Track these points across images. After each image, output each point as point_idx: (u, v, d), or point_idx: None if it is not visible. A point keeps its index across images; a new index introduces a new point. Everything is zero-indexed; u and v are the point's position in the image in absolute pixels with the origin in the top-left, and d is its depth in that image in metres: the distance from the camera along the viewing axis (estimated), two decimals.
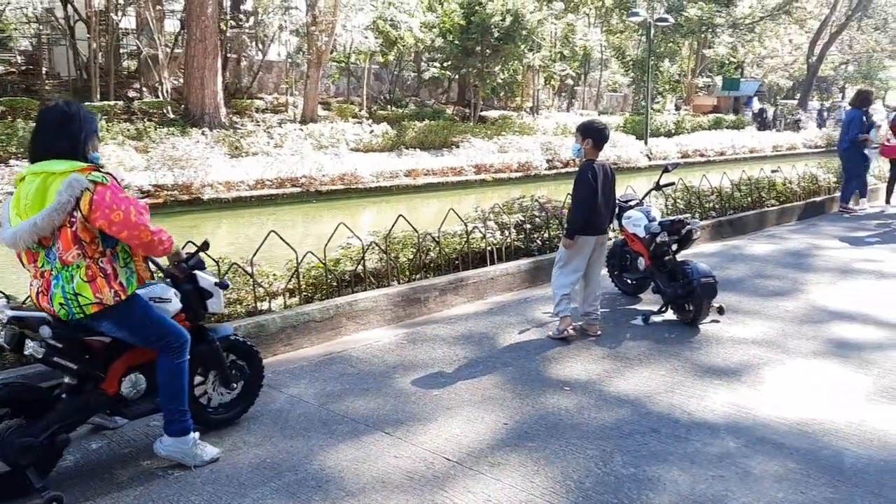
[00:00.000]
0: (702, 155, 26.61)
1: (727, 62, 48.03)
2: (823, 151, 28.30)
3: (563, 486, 3.41)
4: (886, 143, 11.90)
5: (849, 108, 12.06)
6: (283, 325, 5.33)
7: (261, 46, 29.16)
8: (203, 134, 18.72)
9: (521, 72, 32.62)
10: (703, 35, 42.41)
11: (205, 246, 3.85)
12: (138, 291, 3.41)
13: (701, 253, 8.33)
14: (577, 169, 5.57)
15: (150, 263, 3.65)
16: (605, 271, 7.30)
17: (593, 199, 5.40)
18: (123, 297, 3.27)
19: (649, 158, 23.73)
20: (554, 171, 21.15)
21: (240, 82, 27.97)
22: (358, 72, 30.79)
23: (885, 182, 12.84)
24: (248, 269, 5.63)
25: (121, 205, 3.18)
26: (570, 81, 37.60)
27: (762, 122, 39.81)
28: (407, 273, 6.66)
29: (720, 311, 6.06)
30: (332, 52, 26.15)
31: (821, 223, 10.92)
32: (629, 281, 6.82)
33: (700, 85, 48.51)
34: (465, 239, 7.16)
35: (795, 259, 8.36)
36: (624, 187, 6.93)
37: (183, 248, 4.03)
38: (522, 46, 28.12)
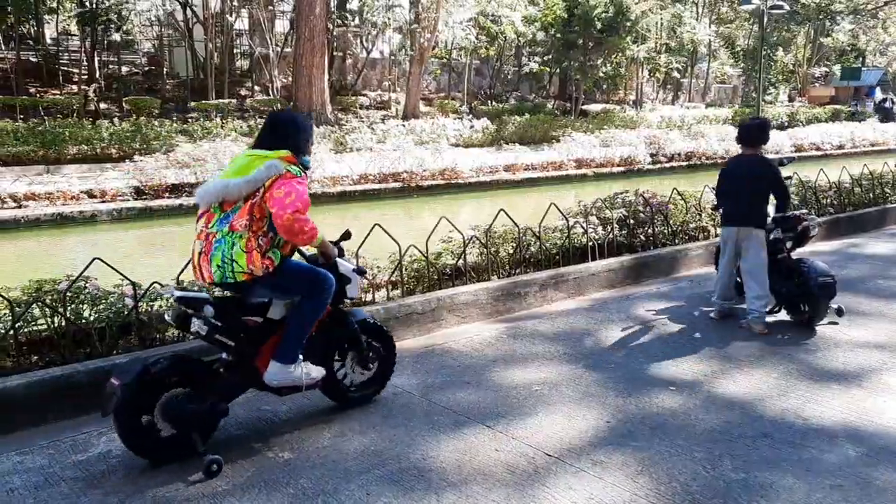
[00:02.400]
0: (818, 148, 25.23)
1: (847, 50, 45.32)
2: None
3: (669, 488, 3.33)
4: None
5: None
6: (386, 316, 5.43)
7: (365, 44, 29.81)
8: None
9: (624, 64, 31.93)
10: (820, 22, 40.18)
11: (346, 235, 4.18)
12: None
13: (817, 251, 7.90)
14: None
15: (297, 253, 3.97)
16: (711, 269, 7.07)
17: (721, 189, 5.86)
18: (271, 270, 3.56)
19: None
20: (658, 166, 20.56)
21: (345, 79, 28.72)
22: (459, 67, 30.98)
23: None
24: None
25: (289, 188, 3.49)
26: (675, 74, 36.46)
27: (887, 114, 37.30)
28: (507, 267, 6.66)
29: (839, 312, 5.75)
30: (433, 49, 26.42)
31: None
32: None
33: (816, 75, 46.01)
34: (565, 234, 7.08)
35: None
36: None
37: None
38: (626, 38, 27.51)
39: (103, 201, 12.92)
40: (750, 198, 5.61)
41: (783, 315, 5.82)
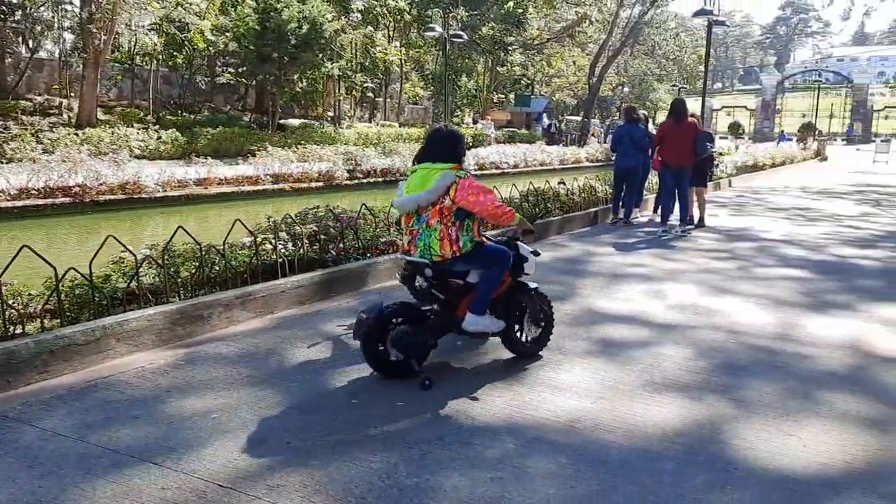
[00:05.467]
0: (497, 167, 27.91)
1: (519, 79, 50.97)
2: (603, 165, 30.83)
3: (345, 502, 3.31)
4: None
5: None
6: (38, 350, 4.75)
7: (29, 43, 26.41)
8: None
9: (321, 81, 32.35)
10: (496, 53, 44.70)
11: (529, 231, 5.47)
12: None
13: None
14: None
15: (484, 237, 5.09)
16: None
17: None
18: (459, 254, 4.77)
19: None
20: (356, 182, 21.12)
21: (4, 81, 25.14)
22: (144, 74, 28.89)
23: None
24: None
25: (475, 191, 4.74)
26: (370, 93, 37.90)
27: (551, 137, 42.61)
28: (189, 288, 6.24)
29: None
30: (112, 52, 24.26)
31: (598, 232, 11.81)
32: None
33: (495, 100, 51.04)
34: (254, 251, 6.85)
35: (573, 265, 8.93)
36: None
37: None
38: (320, 55, 27.88)
39: None
40: None
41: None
